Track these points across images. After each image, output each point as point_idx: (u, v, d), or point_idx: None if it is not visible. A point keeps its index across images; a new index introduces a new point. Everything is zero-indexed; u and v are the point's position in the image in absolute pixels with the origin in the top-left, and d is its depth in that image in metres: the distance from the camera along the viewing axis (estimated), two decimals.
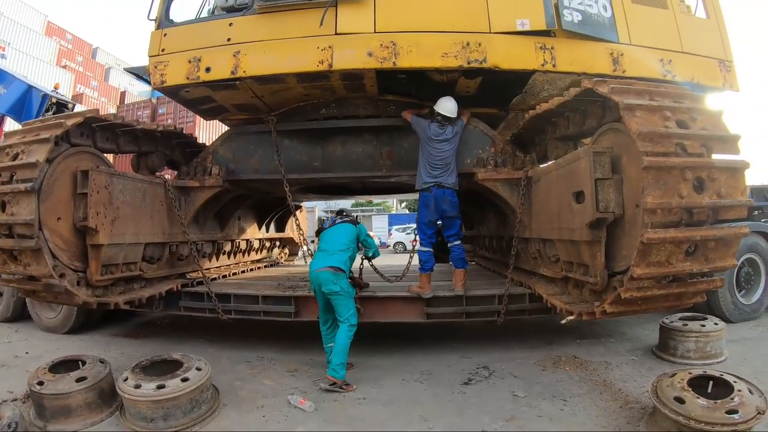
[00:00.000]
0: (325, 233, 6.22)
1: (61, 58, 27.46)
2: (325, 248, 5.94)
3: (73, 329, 7.62)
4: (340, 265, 5.63)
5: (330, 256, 5.76)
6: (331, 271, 5.56)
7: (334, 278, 5.53)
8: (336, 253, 5.78)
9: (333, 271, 5.57)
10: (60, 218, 5.35)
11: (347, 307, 5.57)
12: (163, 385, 4.36)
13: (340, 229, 6.10)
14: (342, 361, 5.32)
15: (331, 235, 6.08)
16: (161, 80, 6.30)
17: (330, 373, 5.28)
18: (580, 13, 5.95)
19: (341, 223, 6.20)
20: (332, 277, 5.54)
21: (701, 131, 4.16)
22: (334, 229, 6.14)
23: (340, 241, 5.93)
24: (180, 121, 16.28)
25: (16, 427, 3.62)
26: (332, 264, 5.62)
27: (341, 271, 5.61)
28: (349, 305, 5.60)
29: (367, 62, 5.78)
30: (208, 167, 7.25)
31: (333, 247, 5.87)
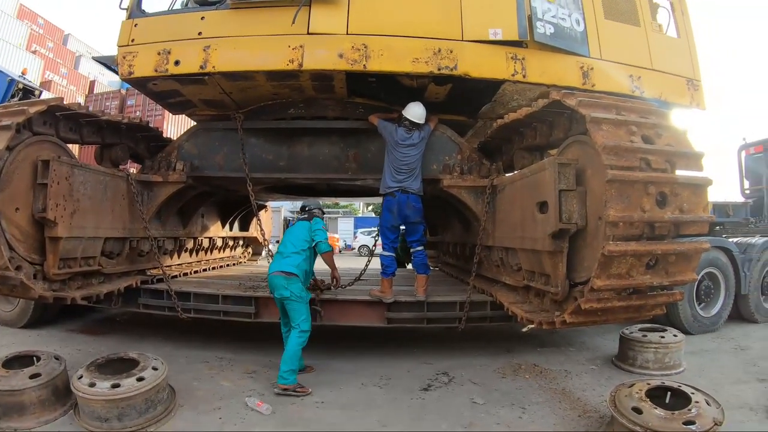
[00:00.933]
0: (285, 234, 6.16)
1: (31, 43, 26.80)
2: (281, 250, 5.86)
3: (30, 323, 7.46)
4: (291, 269, 5.53)
5: (283, 259, 5.67)
6: (283, 276, 5.49)
7: (285, 283, 5.46)
8: (289, 255, 5.69)
9: (285, 275, 5.49)
10: (18, 208, 5.18)
11: (299, 313, 5.47)
12: (118, 384, 4.29)
13: (295, 229, 6.01)
14: (291, 368, 5.25)
15: (287, 236, 6.01)
16: (129, 71, 6.17)
17: (279, 381, 5.20)
18: (552, 25, 6.00)
19: (298, 221, 6.16)
20: (283, 281, 5.46)
21: (666, 147, 4.22)
22: (291, 230, 6.08)
23: (294, 242, 5.82)
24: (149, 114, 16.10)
25: None
26: (284, 269, 5.54)
27: (293, 275, 5.51)
28: (300, 310, 5.49)
29: (337, 63, 5.75)
30: (172, 162, 7.12)
31: (287, 248, 5.78)
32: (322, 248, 5.82)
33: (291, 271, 5.51)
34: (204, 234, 9.76)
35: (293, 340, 5.37)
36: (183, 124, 15.46)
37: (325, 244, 5.87)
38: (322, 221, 6.05)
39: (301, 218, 6.16)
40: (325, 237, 5.89)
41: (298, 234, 5.90)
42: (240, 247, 12.57)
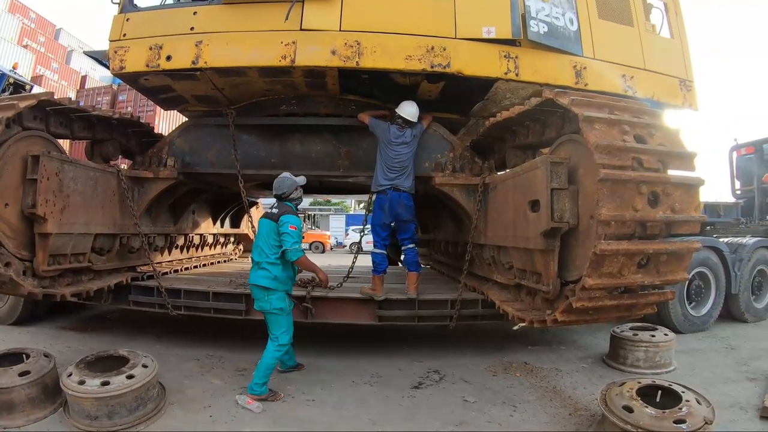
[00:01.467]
0: (256, 236, 5.51)
1: (22, 37, 26.58)
2: (254, 259, 5.35)
3: (20, 320, 7.43)
4: (267, 283, 5.11)
5: (258, 270, 5.22)
6: (260, 289, 5.16)
7: (263, 295, 5.16)
8: (264, 267, 5.18)
9: (262, 289, 5.15)
10: (7, 204, 5.13)
11: (278, 325, 5.17)
12: (107, 382, 4.26)
13: (263, 232, 5.31)
14: (263, 380, 4.95)
15: (258, 240, 5.39)
16: (120, 66, 6.13)
17: (249, 391, 4.92)
18: (546, 24, 6.00)
19: (262, 220, 5.40)
20: (262, 294, 5.17)
21: (658, 147, 4.21)
22: (259, 232, 5.39)
23: (265, 249, 5.24)
24: (140, 110, 15.99)
25: None
26: (259, 282, 5.14)
27: (269, 289, 5.12)
28: (280, 323, 5.18)
29: (330, 60, 5.73)
30: (163, 158, 7.07)
31: (261, 257, 5.24)
32: (291, 256, 5.12)
33: (266, 285, 5.11)
34: (195, 231, 9.71)
35: (270, 352, 5.06)
36: (174, 120, 15.41)
37: (295, 250, 5.11)
38: (293, 217, 5.27)
39: (268, 214, 5.36)
40: (292, 241, 5.10)
41: (266, 239, 5.24)
42: (231, 244, 12.52)
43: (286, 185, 5.49)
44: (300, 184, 5.59)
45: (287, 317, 5.26)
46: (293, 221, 5.19)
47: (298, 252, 5.13)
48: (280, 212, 5.24)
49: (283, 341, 5.15)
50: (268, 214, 5.37)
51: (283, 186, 5.48)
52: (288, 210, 5.30)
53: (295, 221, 5.23)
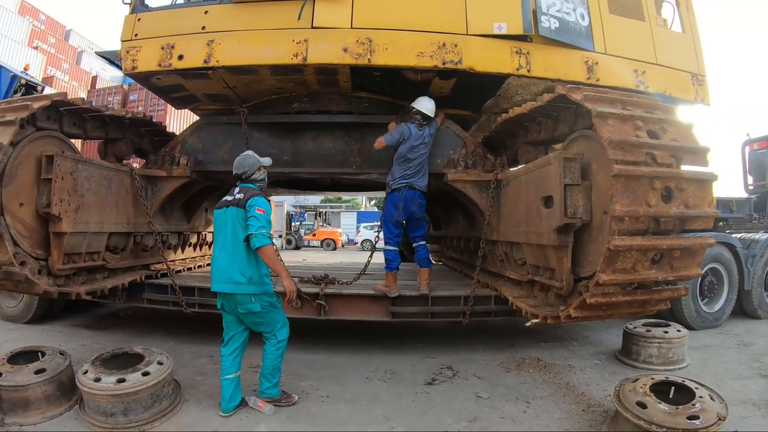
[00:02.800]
0: (214, 237, 4.81)
1: (33, 39, 26.78)
2: (217, 258, 4.62)
3: (34, 319, 7.48)
4: (241, 290, 4.43)
5: (225, 273, 4.47)
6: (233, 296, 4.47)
7: (244, 300, 4.46)
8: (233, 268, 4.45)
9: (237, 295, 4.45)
10: (22, 204, 5.19)
11: (271, 322, 4.63)
12: (123, 379, 4.27)
13: (226, 226, 4.57)
14: (273, 383, 4.64)
15: (218, 239, 4.67)
16: (133, 66, 6.18)
17: (261, 396, 4.67)
18: (557, 20, 5.99)
19: (222, 211, 4.65)
20: (238, 299, 4.46)
21: (671, 142, 4.21)
22: (218, 228, 4.70)
23: (230, 245, 4.51)
24: (151, 109, 16.07)
25: None
26: (230, 290, 4.45)
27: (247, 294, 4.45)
28: (273, 319, 4.63)
29: (342, 58, 5.75)
30: (176, 157, 7.13)
31: (223, 256, 4.54)
32: (255, 242, 4.33)
33: (242, 291, 4.41)
34: (208, 228, 9.74)
35: (271, 352, 4.60)
36: (185, 119, 15.46)
37: (260, 236, 4.32)
38: (262, 199, 4.53)
39: (227, 202, 4.63)
40: (258, 225, 4.34)
41: (232, 232, 4.51)
42: None
43: (248, 163, 4.81)
44: (264, 165, 4.95)
45: (278, 311, 4.72)
46: (261, 204, 4.44)
47: (263, 238, 4.31)
48: (248, 195, 4.49)
49: (282, 336, 4.65)
50: (228, 201, 4.61)
51: (245, 164, 4.80)
52: (255, 192, 4.58)
53: (264, 204, 4.48)
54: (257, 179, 4.88)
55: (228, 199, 4.66)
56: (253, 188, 4.70)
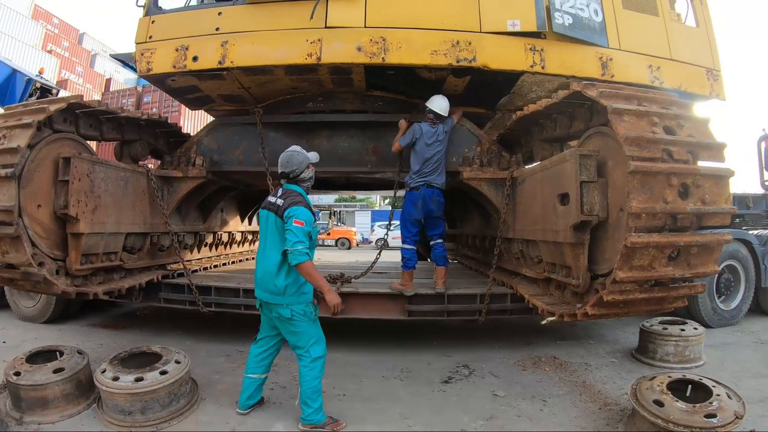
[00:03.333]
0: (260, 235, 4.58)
1: (47, 43, 27.03)
2: (258, 262, 4.47)
3: (52, 319, 7.55)
4: (276, 300, 4.24)
5: (267, 275, 4.28)
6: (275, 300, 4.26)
7: (283, 306, 4.24)
8: (270, 275, 4.24)
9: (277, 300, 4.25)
10: (40, 205, 5.25)
11: (307, 335, 4.29)
12: (141, 378, 4.31)
13: (267, 230, 4.37)
14: (315, 407, 4.25)
15: (261, 240, 4.51)
16: (147, 68, 6.24)
17: (303, 422, 4.28)
18: (571, 16, 5.97)
19: (265, 212, 4.41)
20: (279, 306, 4.25)
21: (688, 138, 4.18)
22: (262, 229, 4.50)
23: (269, 252, 4.31)
24: (165, 110, 16.17)
25: None
26: (266, 299, 4.32)
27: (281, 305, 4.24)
28: (308, 332, 4.30)
29: (356, 57, 5.76)
30: (192, 157, 7.18)
31: (263, 261, 4.36)
32: (291, 259, 4.06)
33: (276, 302, 4.23)
34: (223, 228, 9.83)
35: (306, 373, 4.23)
36: (200, 120, 15.55)
37: (296, 252, 4.01)
38: (302, 209, 4.15)
39: (270, 205, 4.36)
40: (295, 240, 4.03)
41: (272, 238, 4.30)
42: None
43: (296, 161, 4.42)
44: (313, 161, 4.60)
45: (314, 324, 4.38)
46: (300, 215, 4.09)
47: (299, 256, 4.02)
48: (287, 203, 4.17)
49: (316, 353, 4.29)
50: (270, 204, 4.34)
51: (292, 162, 4.41)
52: (297, 199, 4.21)
53: (303, 215, 4.12)
54: (305, 179, 4.51)
55: (270, 200, 4.37)
56: (296, 191, 4.36)
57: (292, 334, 4.30)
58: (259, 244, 4.53)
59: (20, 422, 4.31)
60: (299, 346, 4.30)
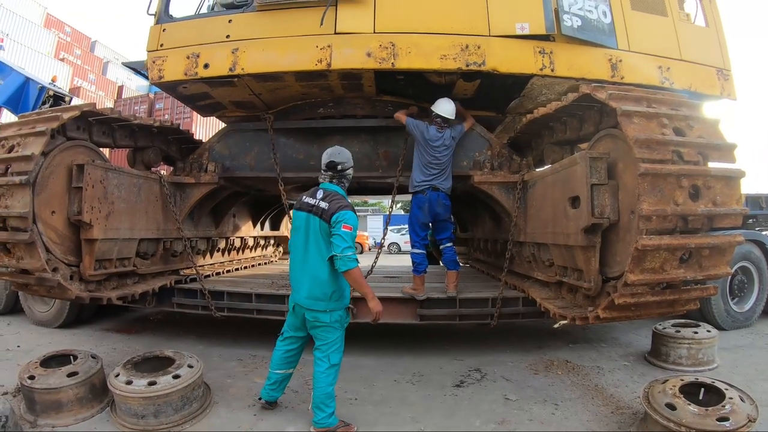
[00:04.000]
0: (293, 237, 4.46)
1: (59, 51, 27.36)
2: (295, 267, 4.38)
3: (66, 323, 7.60)
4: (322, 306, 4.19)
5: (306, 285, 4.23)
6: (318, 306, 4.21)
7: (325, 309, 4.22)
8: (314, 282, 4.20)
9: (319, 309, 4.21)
10: (54, 212, 5.31)
11: (331, 340, 4.27)
12: (154, 382, 4.35)
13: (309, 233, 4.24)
14: (328, 412, 4.24)
15: (297, 243, 4.36)
16: (159, 75, 6.29)
17: (315, 426, 4.27)
18: (579, 18, 5.96)
19: (303, 214, 4.30)
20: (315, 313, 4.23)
21: (698, 139, 4.17)
22: (299, 232, 4.34)
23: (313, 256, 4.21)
24: (177, 117, 16.27)
25: (6, 421, 3.59)
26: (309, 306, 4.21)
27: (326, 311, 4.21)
28: (333, 338, 4.27)
29: (365, 62, 5.77)
30: (204, 164, 7.24)
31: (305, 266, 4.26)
32: (340, 265, 4.05)
33: (322, 308, 4.19)
34: (236, 234, 9.87)
35: (321, 378, 4.22)
36: (211, 126, 15.63)
37: (346, 258, 4.01)
38: (350, 213, 4.13)
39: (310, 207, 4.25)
40: (344, 246, 4.02)
41: (315, 242, 4.19)
42: (271, 246, 12.66)
43: (346, 155, 4.47)
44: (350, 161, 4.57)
45: (342, 331, 4.38)
46: (349, 219, 4.07)
47: (349, 262, 4.02)
48: (333, 207, 4.08)
49: (335, 360, 4.28)
50: (309, 205, 4.23)
51: (344, 155, 4.43)
52: (344, 203, 4.14)
53: (352, 219, 4.10)
54: (349, 176, 4.52)
55: (309, 201, 4.23)
56: (339, 193, 4.28)
57: (322, 339, 4.25)
58: (292, 246, 4.37)
59: (34, 425, 4.36)
60: (321, 350, 4.26)
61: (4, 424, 3.55)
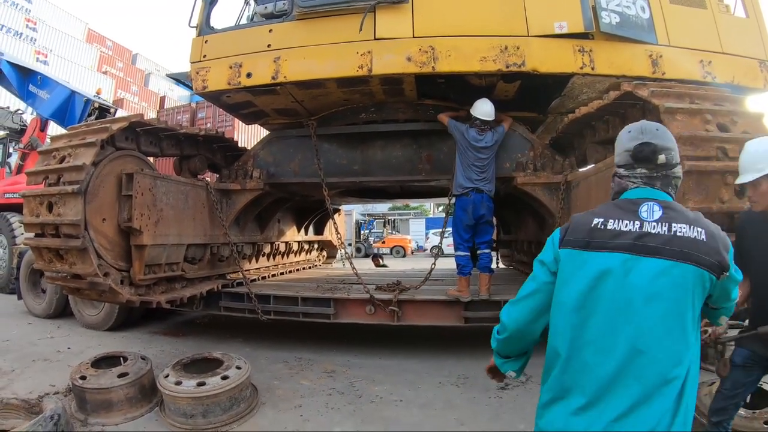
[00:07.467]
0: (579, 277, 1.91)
1: (101, 65, 28.20)
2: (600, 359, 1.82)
3: (114, 326, 7.80)
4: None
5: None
6: None
7: None
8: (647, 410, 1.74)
9: None
10: (105, 219, 5.50)
11: None
12: (203, 383, 4.47)
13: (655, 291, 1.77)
14: None
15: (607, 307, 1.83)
16: (203, 86, 6.41)
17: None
18: (618, 14, 5.88)
19: (650, 260, 1.79)
20: None
21: (742, 134, 4.09)
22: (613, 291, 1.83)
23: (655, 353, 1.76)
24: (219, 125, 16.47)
25: (58, 419, 3.72)
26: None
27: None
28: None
29: (406, 67, 5.78)
30: (249, 170, 7.37)
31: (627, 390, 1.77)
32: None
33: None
34: (280, 238, 10.04)
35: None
36: (253, 134, 15.86)
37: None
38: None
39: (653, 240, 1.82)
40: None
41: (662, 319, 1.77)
42: (315, 250, 12.84)
43: (669, 136, 2.09)
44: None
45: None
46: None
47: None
48: (713, 243, 1.83)
49: None
50: (649, 239, 1.83)
51: (666, 137, 2.07)
52: (716, 230, 1.89)
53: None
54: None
55: (626, 229, 1.88)
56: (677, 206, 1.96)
57: None
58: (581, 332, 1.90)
59: (85, 423, 4.52)
60: None
61: (56, 422, 3.68)
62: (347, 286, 7.51)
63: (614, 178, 2.15)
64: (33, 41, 24.73)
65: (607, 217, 1.92)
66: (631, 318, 1.77)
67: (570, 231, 1.97)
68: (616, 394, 1.77)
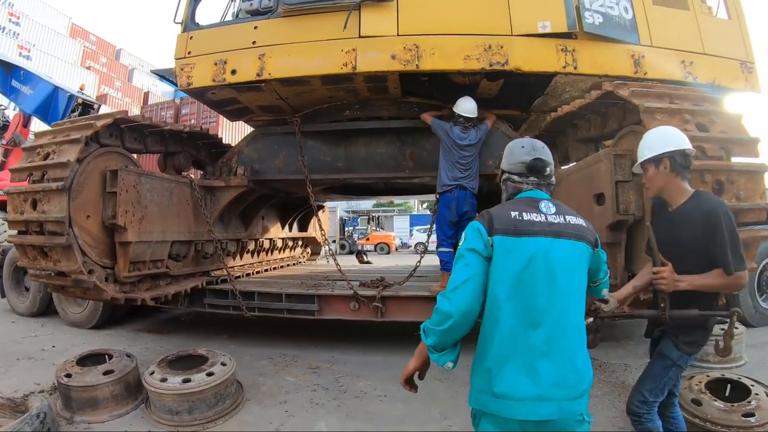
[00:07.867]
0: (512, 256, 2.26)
1: (85, 60, 27.88)
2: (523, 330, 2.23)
3: (99, 324, 7.77)
4: (583, 404, 2.34)
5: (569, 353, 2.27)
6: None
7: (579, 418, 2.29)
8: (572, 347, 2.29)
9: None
10: (89, 216, 5.50)
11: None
12: (188, 379, 4.48)
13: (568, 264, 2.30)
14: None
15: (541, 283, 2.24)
16: (187, 82, 6.40)
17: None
18: (601, 14, 5.94)
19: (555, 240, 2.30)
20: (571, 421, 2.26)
21: (720, 134, 4.17)
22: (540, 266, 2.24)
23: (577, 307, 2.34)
24: (203, 122, 16.41)
25: (45, 417, 3.71)
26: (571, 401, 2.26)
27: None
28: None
29: (390, 65, 5.81)
30: (233, 167, 7.39)
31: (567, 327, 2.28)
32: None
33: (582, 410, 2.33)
34: (265, 235, 10.04)
35: None
36: (237, 131, 15.81)
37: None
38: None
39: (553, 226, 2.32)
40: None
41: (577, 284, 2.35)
42: (299, 247, 12.84)
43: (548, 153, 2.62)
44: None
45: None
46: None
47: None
48: (586, 223, 2.47)
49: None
50: (552, 226, 2.32)
51: (546, 153, 2.60)
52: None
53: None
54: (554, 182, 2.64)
55: (537, 219, 2.31)
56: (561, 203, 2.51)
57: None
58: (505, 304, 2.24)
59: (71, 421, 4.52)
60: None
61: (43, 421, 3.67)
62: (331, 283, 7.52)
63: (507, 183, 2.66)
64: (16, 36, 24.40)
65: (520, 211, 2.36)
66: (557, 285, 2.25)
67: (496, 221, 2.32)
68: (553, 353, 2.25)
